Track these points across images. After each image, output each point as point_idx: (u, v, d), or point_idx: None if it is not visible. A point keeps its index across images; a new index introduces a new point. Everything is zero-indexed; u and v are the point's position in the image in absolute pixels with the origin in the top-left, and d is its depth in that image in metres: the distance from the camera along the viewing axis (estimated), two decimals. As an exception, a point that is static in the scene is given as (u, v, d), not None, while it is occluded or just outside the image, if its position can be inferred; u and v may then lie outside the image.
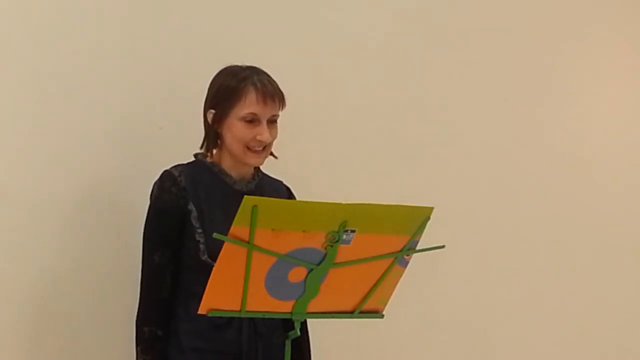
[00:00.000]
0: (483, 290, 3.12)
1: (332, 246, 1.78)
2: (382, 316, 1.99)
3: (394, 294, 1.98)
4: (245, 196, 1.69)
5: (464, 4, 3.15)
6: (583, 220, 3.35)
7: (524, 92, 3.26)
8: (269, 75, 2.17)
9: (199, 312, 1.81)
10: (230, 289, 1.80)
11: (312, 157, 2.38)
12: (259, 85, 2.12)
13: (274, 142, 2.20)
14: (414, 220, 1.84)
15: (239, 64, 2.19)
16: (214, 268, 1.77)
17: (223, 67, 2.21)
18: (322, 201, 2.06)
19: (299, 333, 1.88)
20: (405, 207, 1.83)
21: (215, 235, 1.73)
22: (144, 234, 2.16)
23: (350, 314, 1.95)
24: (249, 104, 2.11)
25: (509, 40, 3.24)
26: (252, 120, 2.11)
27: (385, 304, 1.98)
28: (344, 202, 1.95)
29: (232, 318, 2.05)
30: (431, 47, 3.07)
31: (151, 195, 2.17)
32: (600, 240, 3.38)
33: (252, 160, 2.15)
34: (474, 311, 3.10)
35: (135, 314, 2.14)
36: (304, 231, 1.75)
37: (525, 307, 3.21)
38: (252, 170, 2.23)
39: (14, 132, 2.31)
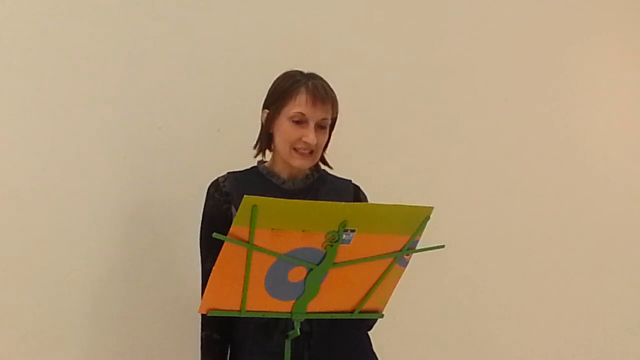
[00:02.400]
0: (483, 290, 3.11)
1: (332, 246, 1.78)
2: (382, 316, 1.99)
3: (394, 294, 1.98)
4: (245, 196, 1.69)
5: (465, 5, 3.15)
6: (584, 220, 3.34)
7: (525, 91, 3.26)
8: (325, 81, 2.20)
9: (199, 312, 1.82)
10: (231, 288, 1.80)
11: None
12: (311, 87, 2.15)
13: (328, 150, 2.24)
14: (414, 220, 1.84)
15: (302, 70, 2.22)
16: (213, 268, 1.77)
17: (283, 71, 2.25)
18: (322, 201, 2.06)
19: (299, 333, 1.88)
20: (405, 207, 1.83)
21: (215, 235, 1.73)
22: (199, 241, 2.20)
23: (350, 313, 1.95)
24: (299, 104, 2.14)
25: (510, 40, 3.24)
26: (300, 122, 2.14)
27: (385, 304, 1.98)
28: (343, 202, 1.95)
29: (278, 319, 2.04)
30: (431, 48, 3.07)
31: None
32: (602, 240, 3.37)
33: (297, 162, 2.16)
34: (474, 311, 3.10)
35: None
36: (303, 231, 1.75)
37: (525, 307, 3.21)
38: (305, 171, 2.24)
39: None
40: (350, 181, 2.31)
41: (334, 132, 2.27)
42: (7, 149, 2.32)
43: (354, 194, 2.28)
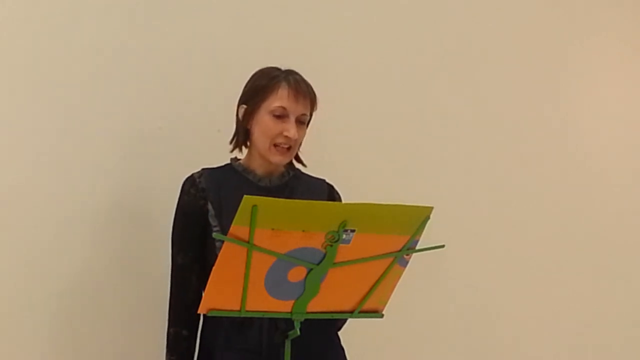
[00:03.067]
0: (483, 290, 3.11)
1: (331, 246, 1.78)
2: (382, 316, 1.99)
3: (393, 293, 1.98)
4: (245, 196, 1.69)
5: (464, 4, 3.15)
6: (584, 220, 3.34)
7: (525, 91, 3.26)
8: (302, 77, 2.21)
9: (199, 311, 1.82)
10: (230, 288, 1.80)
11: (312, 158, 2.37)
12: (292, 82, 2.16)
13: (302, 149, 2.23)
14: (413, 219, 1.84)
15: (278, 66, 2.22)
16: (213, 268, 1.77)
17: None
18: (321, 201, 2.06)
19: (298, 333, 1.88)
20: (405, 207, 1.83)
21: (214, 235, 1.73)
22: (171, 236, 2.20)
23: (350, 313, 1.95)
24: (280, 98, 2.14)
25: (510, 40, 3.24)
26: (281, 116, 2.14)
27: (385, 304, 1.98)
28: (343, 202, 1.95)
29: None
30: (432, 47, 3.07)
31: None
32: (602, 240, 3.38)
33: (276, 157, 2.16)
34: (474, 311, 3.10)
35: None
36: (303, 231, 1.75)
37: (525, 307, 3.21)
38: (281, 168, 2.24)
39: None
40: (324, 180, 2.32)
41: (332, 132, 2.27)
42: (6, 148, 2.32)
43: (328, 192, 2.29)
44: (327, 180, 2.32)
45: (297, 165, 2.30)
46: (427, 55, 3.06)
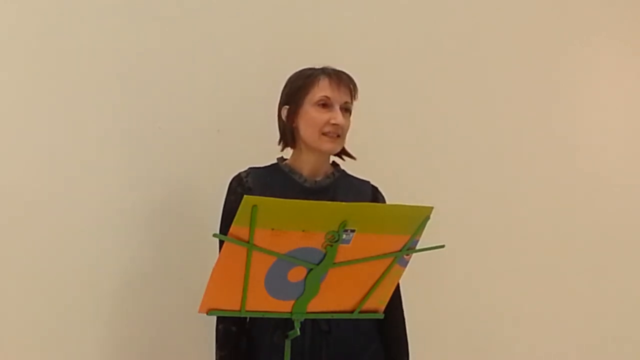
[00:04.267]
0: (483, 290, 3.11)
1: (331, 246, 1.78)
2: (382, 316, 1.99)
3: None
4: (245, 196, 1.69)
5: (466, 5, 3.15)
6: (584, 220, 3.34)
7: (525, 91, 3.26)
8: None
9: (199, 311, 1.82)
10: (230, 288, 1.80)
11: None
12: (331, 72, 2.20)
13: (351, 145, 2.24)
14: (413, 219, 1.84)
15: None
16: (213, 268, 1.78)
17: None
18: (321, 201, 2.06)
19: (298, 333, 1.88)
20: (404, 207, 1.83)
21: (214, 234, 1.73)
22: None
23: (350, 313, 1.95)
24: (322, 89, 2.17)
25: (510, 41, 3.24)
26: (326, 105, 2.17)
27: (385, 304, 1.98)
28: (343, 202, 1.95)
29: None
30: (430, 48, 3.07)
31: None
32: (602, 239, 3.37)
33: (327, 145, 2.17)
34: (474, 311, 3.10)
35: None
36: (303, 231, 1.75)
37: (526, 307, 3.21)
38: (327, 169, 2.25)
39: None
40: (369, 182, 2.32)
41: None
42: (7, 150, 2.32)
43: (372, 194, 2.29)
44: (372, 183, 2.32)
45: (343, 166, 2.30)
46: (426, 55, 3.05)
